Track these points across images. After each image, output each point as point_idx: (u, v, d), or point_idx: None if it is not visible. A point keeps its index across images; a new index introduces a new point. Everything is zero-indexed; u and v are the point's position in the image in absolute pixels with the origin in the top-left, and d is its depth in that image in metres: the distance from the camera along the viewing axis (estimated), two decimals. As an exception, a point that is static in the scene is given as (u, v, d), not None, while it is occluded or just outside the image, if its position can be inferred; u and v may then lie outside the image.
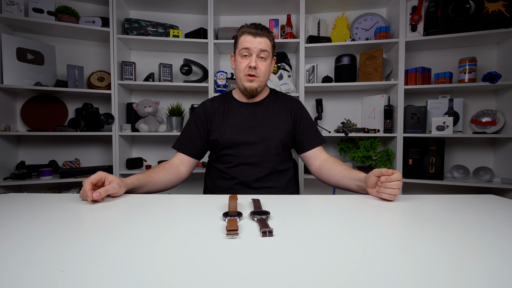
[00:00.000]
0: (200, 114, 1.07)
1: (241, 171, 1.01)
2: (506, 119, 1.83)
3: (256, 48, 0.98)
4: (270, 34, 1.01)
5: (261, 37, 0.98)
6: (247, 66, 0.99)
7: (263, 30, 0.99)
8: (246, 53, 0.99)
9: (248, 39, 0.98)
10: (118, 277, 0.33)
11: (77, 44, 2.06)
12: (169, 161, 1.01)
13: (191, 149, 1.04)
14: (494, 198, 0.75)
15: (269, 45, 1.00)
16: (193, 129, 1.06)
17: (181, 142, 1.06)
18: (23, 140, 2.00)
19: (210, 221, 0.55)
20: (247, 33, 0.99)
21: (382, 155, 1.96)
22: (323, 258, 0.39)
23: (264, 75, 1.02)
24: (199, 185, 2.22)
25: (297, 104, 1.12)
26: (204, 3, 1.97)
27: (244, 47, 0.98)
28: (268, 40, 1.00)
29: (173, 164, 1.00)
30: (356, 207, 0.66)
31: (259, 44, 0.98)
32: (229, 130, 1.02)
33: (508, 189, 1.77)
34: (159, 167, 0.96)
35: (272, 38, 1.02)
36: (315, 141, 1.06)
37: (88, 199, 0.66)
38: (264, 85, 1.05)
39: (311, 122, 1.10)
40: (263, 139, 1.02)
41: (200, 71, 2.03)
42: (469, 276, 0.34)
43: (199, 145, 1.05)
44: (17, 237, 0.46)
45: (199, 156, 1.07)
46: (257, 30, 0.98)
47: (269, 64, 1.03)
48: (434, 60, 2.04)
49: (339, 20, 2.08)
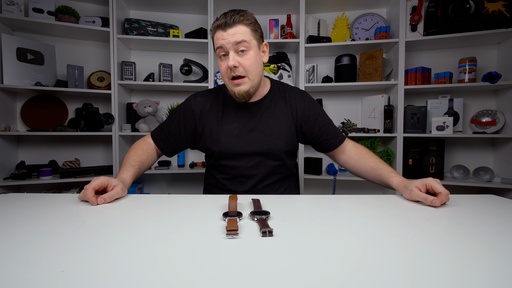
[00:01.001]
0: (187, 113, 0.94)
1: (239, 183, 0.93)
2: (506, 119, 1.83)
3: (229, 42, 0.79)
4: (245, 18, 0.80)
5: (232, 27, 0.79)
6: (228, 67, 0.81)
7: (232, 17, 0.78)
8: (223, 52, 0.82)
9: (219, 35, 0.80)
10: (118, 277, 0.33)
11: (77, 44, 2.06)
12: (147, 142, 0.97)
13: (166, 145, 0.96)
14: (494, 198, 0.75)
15: (247, 32, 0.80)
16: (174, 125, 0.95)
17: (159, 133, 0.97)
18: (23, 140, 2.00)
19: (210, 221, 0.55)
20: (217, 27, 0.81)
21: (382, 155, 1.96)
22: (323, 258, 0.39)
23: (252, 71, 0.82)
24: (199, 185, 2.22)
25: (304, 100, 0.95)
26: (204, 3, 1.97)
27: (218, 46, 0.81)
28: (243, 26, 0.79)
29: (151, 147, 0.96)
30: (356, 207, 0.66)
31: (233, 36, 0.78)
32: (225, 139, 0.90)
33: (508, 189, 1.77)
34: (142, 153, 0.91)
35: (249, 22, 0.81)
36: (337, 137, 0.96)
37: (93, 204, 0.66)
38: (258, 82, 0.87)
39: (326, 118, 0.98)
40: (263, 150, 0.90)
41: (200, 71, 2.03)
42: (469, 276, 0.34)
43: (174, 143, 0.96)
44: (17, 237, 0.46)
45: (170, 155, 0.99)
46: (225, 19, 0.78)
47: (255, 55, 0.82)
48: (434, 60, 2.04)
49: (339, 20, 2.08)
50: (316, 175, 1.98)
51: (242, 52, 0.81)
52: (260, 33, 0.86)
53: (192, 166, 2.06)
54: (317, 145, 1.00)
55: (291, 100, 0.95)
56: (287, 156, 0.95)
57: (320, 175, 1.99)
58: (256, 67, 0.84)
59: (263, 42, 0.88)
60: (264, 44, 0.89)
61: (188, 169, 2.04)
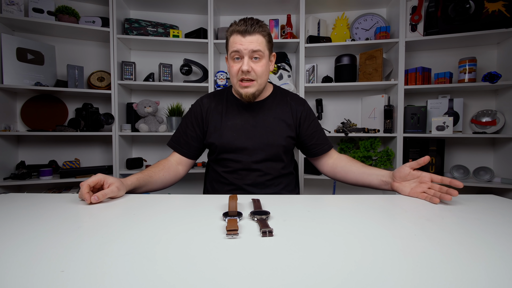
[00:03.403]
0: (197, 113, 1.01)
1: (240, 177, 0.97)
2: (506, 119, 1.83)
3: (246, 49, 0.86)
4: (263, 29, 0.88)
5: (251, 35, 0.86)
6: (239, 70, 0.89)
7: (253, 26, 0.86)
8: (237, 55, 0.88)
9: (237, 39, 0.87)
10: (118, 277, 0.33)
11: (77, 44, 2.06)
12: (168, 159, 1.00)
13: (188, 150, 1.00)
14: (494, 198, 0.75)
15: (263, 43, 0.88)
16: (189, 128, 1.01)
17: (177, 141, 1.02)
18: (23, 140, 2.00)
19: (210, 221, 0.55)
20: (236, 32, 0.87)
21: (382, 155, 1.96)
22: (323, 258, 0.39)
23: (261, 77, 0.91)
24: (199, 185, 2.22)
25: (304, 106, 1.03)
26: (204, 3, 1.97)
27: (234, 49, 0.88)
28: (260, 36, 0.88)
29: (172, 164, 0.98)
30: (356, 207, 0.66)
31: (250, 44, 0.86)
32: (228, 134, 0.96)
33: (508, 189, 1.77)
34: (158, 166, 0.94)
35: (266, 33, 0.89)
36: (326, 145, 1.02)
37: (87, 201, 0.66)
38: (264, 86, 0.96)
39: (319, 126, 1.05)
40: (263, 145, 0.96)
41: (200, 71, 2.03)
42: (469, 276, 0.34)
43: (195, 145, 1.01)
44: (17, 237, 0.46)
45: (195, 157, 1.04)
46: (246, 27, 0.85)
47: (266, 63, 0.91)
48: (434, 60, 2.04)
49: (339, 20, 2.08)
50: (316, 175, 1.98)
51: (255, 59, 0.89)
52: (272, 45, 0.95)
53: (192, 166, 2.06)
54: (306, 148, 1.05)
55: (292, 103, 1.02)
56: (286, 153, 1.00)
57: (320, 175, 1.99)
58: (265, 74, 0.93)
59: (273, 52, 0.97)
60: (273, 54, 0.97)
61: (188, 169, 2.04)
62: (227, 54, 0.93)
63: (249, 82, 0.90)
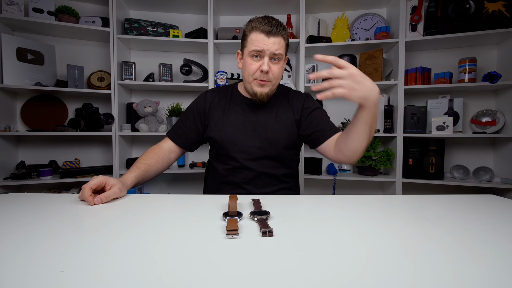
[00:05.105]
0: (199, 105, 1.00)
1: (240, 175, 0.96)
2: (506, 119, 1.83)
3: (269, 50, 0.86)
4: (285, 32, 0.89)
5: (275, 36, 0.86)
6: (258, 69, 0.88)
7: (278, 27, 0.86)
8: (257, 54, 0.88)
9: (260, 38, 0.86)
10: (118, 277, 0.33)
11: (77, 44, 2.06)
12: (161, 146, 0.98)
13: (185, 140, 1.00)
14: (494, 198, 0.75)
15: (283, 46, 0.89)
16: (189, 120, 1.00)
17: (175, 131, 1.01)
18: (23, 140, 2.00)
19: (210, 221, 0.55)
20: (260, 30, 0.86)
21: (382, 155, 1.96)
22: (323, 258, 0.39)
23: (277, 79, 0.92)
24: (199, 185, 2.22)
25: (303, 100, 1.01)
26: (204, 3, 1.97)
27: (256, 49, 0.86)
28: (283, 39, 0.88)
29: (165, 152, 0.97)
30: (356, 207, 0.66)
31: (273, 45, 0.86)
32: (228, 129, 0.96)
33: (508, 189, 1.77)
34: (152, 157, 0.93)
35: (287, 36, 0.90)
36: (329, 130, 0.93)
37: (90, 204, 0.66)
38: (276, 88, 0.96)
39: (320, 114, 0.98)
40: (264, 143, 0.95)
41: (200, 71, 2.03)
42: (469, 276, 0.34)
43: (193, 137, 1.00)
44: (17, 237, 0.46)
45: (191, 149, 1.03)
46: (271, 28, 0.85)
47: (282, 65, 0.92)
48: (434, 60, 2.03)
49: (339, 20, 2.08)
50: (316, 175, 1.98)
51: (274, 60, 0.89)
52: (288, 48, 0.95)
53: (192, 166, 2.06)
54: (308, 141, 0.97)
55: (293, 99, 1.02)
56: (287, 151, 0.99)
57: (320, 175, 1.99)
58: (280, 75, 0.93)
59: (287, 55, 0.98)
60: (286, 57, 0.98)
61: (188, 169, 2.04)
62: (243, 49, 0.92)
63: (266, 82, 0.90)
